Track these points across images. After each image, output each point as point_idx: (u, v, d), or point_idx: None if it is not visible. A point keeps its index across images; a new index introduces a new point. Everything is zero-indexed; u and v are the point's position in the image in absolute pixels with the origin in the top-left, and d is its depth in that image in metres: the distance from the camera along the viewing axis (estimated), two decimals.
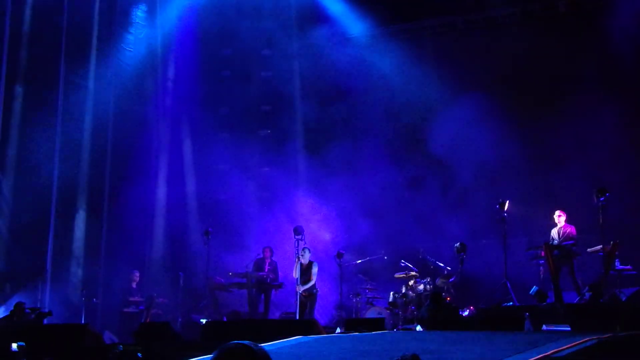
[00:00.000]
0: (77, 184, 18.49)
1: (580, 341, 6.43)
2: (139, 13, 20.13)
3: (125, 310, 17.21)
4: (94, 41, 18.92)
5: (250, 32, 21.24)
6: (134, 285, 17.59)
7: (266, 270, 17.04)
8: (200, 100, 21.06)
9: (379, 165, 19.42)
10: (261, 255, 17.32)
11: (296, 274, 15.79)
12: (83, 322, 16.05)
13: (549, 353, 5.56)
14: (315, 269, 16.03)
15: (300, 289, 15.66)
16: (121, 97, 19.32)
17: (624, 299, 12.91)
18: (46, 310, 14.43)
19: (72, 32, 18.27)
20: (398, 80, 19.69)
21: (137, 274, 17.79)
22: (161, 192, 20.09)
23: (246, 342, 3.30)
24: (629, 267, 14.21)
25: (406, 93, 19.58)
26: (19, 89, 17.39)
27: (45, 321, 13.86)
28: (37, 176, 17.40)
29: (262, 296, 17.02)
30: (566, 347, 6.04)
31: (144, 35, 20.06)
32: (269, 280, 16.95)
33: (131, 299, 17.29)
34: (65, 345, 11.45)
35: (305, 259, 15.95)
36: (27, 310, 14.20)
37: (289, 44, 21.43)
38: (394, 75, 19.76)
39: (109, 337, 15.57)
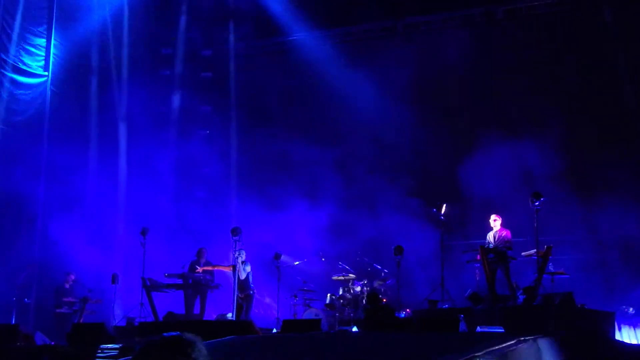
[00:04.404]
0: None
1: (512, 342, 6.51)
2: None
3: (59, 311, 16.88)
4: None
5: (191, 32, 21.12)
6: (67, 285, 17.26)
7: (201, 271, 16.87)
8: (139, 98, 20.76)
9: (316, 166, 19.42)
10: (196, 257, 17.15)
11: (239, 275, 15.68)
12: (14, 322, 15.70)
13: (481, 353, 5.60)
14: (248, 269, 15.97)
15: (237, 289, 15.58)
16: (57, 90, 18.95)
17: (556, 301, 13.13)
18: None
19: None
20: (335, 82, 19.70)
21: (72, 275, 17.45)
22: (94, 190, 19.69)
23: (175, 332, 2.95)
24: (561, 270, 14.45)
25: (343, 95, 19.65)
26: None
27: None
28: None
29: (198, 297, 16.84)
30: (498, 347, 6.10)
31: (80, 29, 19.62)
32: (204, 282, 16.76)
33: (65, 299, 16.97)
34: None
35: (242, 260, 15.88)
36: None
37: (228, 45, 21.37)
38: (331, 77, 19.76)
39: (40, 338, 15.22)
